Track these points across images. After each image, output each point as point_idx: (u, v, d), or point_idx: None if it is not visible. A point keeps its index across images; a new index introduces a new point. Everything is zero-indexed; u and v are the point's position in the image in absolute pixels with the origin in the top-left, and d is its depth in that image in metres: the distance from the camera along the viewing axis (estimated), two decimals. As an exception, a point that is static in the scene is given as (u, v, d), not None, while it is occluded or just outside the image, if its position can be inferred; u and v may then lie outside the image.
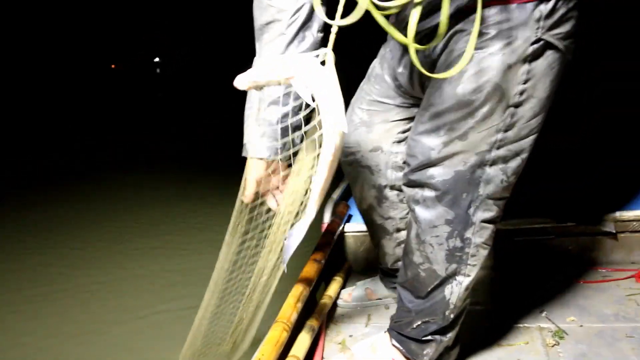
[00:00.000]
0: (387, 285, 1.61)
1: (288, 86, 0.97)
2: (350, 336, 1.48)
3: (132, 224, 3.45)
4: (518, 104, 1.03)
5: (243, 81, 0.96)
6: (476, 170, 1.07)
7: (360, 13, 0.85)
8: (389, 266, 1.53)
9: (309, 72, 0.91)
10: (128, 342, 2.04)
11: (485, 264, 1.17)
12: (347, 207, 1.92)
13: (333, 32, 0.92)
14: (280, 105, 1.13)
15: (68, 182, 4.68)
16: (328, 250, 1.60)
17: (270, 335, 1.19)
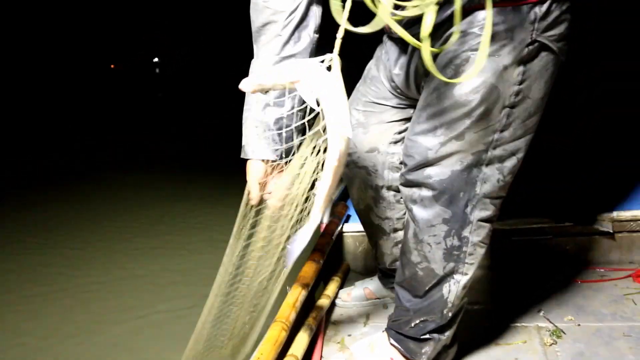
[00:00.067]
0: (385, 285, 1.62)
1: (292, 90, 0.96)
2: (349, 335, 1.49)
3: (132, 223, 3.45)
4: (514, 105, 1.04)
5: (249, 84, 0.97)
6: (473, 170, 1.08)
7: (381, 23, 0.83)
8: (387, 266, 1.54)
9: (314, 77, 0.91)
10: (128, 342, 2.05)
11: (482, 263, 1.18)
12: (345, 207, 1.93)
13: (339, 37, 0.92)
14: (277, 107, 1.14)
15: (68, 182, 4.68)
16: (327, 250, 1.61)
17: (269, 334, 1.19)
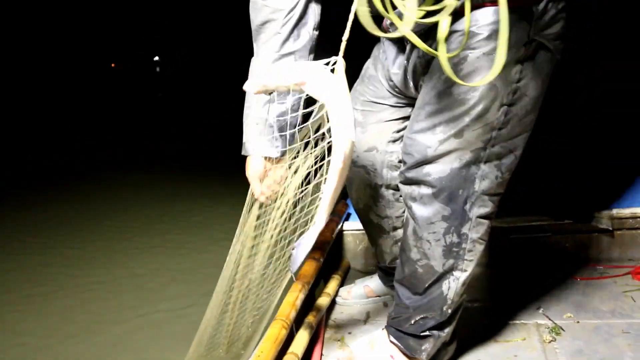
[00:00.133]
0: (385, 283, 1.62)
1: (296, 91, 0.96)
2: (349, 333, 1.49)
3: (132, 223, 3.45)
4: (512, 103, 1.05)
5: (253, 85, 0.97)
6: (471, 167, 1.08)
7: (405, 29, 0.83)
8: (387, 264, 1.54)
9: (319, 79, 0.92)
10: (128, 341, 2.05)
11: (481, 260, 1.19)
12: (345, 205, 1.93)
13: (344, 39, 0.92)
14: (278, 104, 1.15)
15: (68, 182, 4.67)
16: (327, 249, 1.62)
17: (270, 332, 1.20)
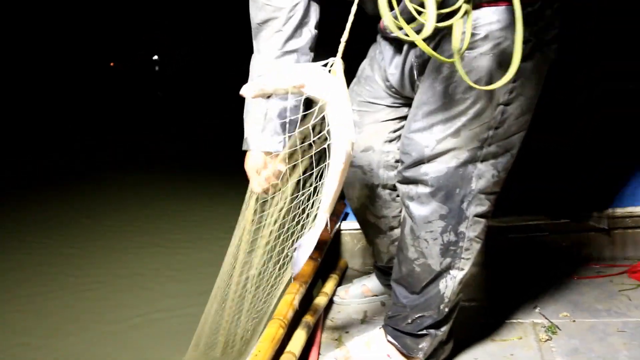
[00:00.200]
0: (383, 282, 1.63)
1: (295, 94, 0.96)
2: (347, 332, 1.50)
3: (132, 223, 3.45)
4: (508, 102, 1.06)
5: (250, 90, 0.97)
6: (468, 166, 1.09)
7: (427, 32, 0.84)
8: (384, 264, 1.55)
9: (318, 81, 0.92)
10: (128, 341, 2.05)
11: (478, 259, 1.20)
12: (343, 205, 1.94)
13: (343, 41, 0.93)
14: (279, 100, 1.16)
15: (68, 182, 4.67)
16: (324, 248, 1.62)
17: (267, 332, 1.21)
